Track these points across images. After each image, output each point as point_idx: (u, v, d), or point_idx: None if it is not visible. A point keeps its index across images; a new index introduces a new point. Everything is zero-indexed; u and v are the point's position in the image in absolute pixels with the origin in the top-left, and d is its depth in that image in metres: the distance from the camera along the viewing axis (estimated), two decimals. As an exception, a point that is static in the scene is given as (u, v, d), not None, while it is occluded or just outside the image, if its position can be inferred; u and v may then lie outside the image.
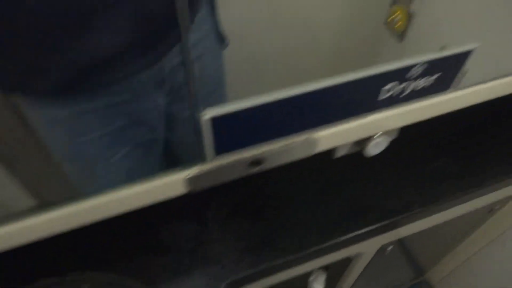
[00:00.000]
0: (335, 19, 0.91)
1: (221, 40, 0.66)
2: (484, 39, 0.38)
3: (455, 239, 1.06)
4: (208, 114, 0.29)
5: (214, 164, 0.35)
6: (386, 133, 0.43)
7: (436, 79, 0.38)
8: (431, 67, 0.36)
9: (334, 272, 0.83)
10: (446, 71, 0.38)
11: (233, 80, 0.74)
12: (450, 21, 0.73)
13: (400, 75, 0.35)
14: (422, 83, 0.38)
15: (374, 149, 0.44)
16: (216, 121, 0.29)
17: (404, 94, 0.38)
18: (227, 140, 0.33)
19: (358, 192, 0.63)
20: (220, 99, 0.74)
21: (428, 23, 0.82)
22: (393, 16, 0.87)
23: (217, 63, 0.69)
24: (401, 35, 0.88)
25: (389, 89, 0.36)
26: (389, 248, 0.79)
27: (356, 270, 0.80)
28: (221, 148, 0.33)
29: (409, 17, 0.85)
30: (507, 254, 0.95)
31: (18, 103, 0.48)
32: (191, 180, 0.35)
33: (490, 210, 0.83)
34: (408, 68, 0.35)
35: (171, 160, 0.74)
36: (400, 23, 0.86)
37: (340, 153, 0.44)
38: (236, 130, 0.32)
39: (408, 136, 0.71)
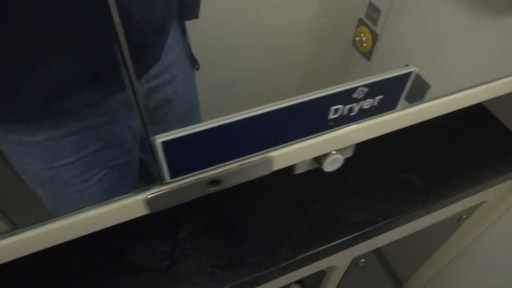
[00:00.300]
0: (305, 40, 0.95)
1: (192, 63, 0.69)
2: (446, 55, 0.41)
3: (428, 249, 1.08)
4: (159, 138, 0.31)
5: (172, 186, 0.37)
6: (340, 150, 0.45)
7: (381, 100, 0.41)
8: (373, 89, 0.39)
9: (310, 286, 0.84)
10: (389, 92, 0.41)
11: (206, 101, 0.76)
12: (414, 40, 0.77)
13: (345, 97, 0.38)
14: (368, 103, 0.41)
15: (331, 166, 0.46)
16: (168, 145, 0.32)
17: (352, 113, 0.40)
18: (182, 162, 0.35)
19: (327, 206, 0.65)
20: (195, 120, 0.76)
21: (393, 43, 0.87)
22: (359, 36, 0.92)
23: (191, 85, 0.72)
24: (368, 54, 0.93)
25: (337, 109, 0.39)
26: (362, 260, 0.81)
27: (331, 283, 0.82)
28: (176, 170, 0.35)
29: (374, 37, 0.89)
30: (476, 263, 0.98)
31: None
32: (151, 201, 0.36)
33: (459, 219, 0.86)
34: (350, 91, 0.38)
35: (146, 181, 0.76)
36: (365, 44, 0.90)
37: (299, 170, 0.46)
38: (190, 153, 0.34)
39: (373, 150, 0.75)
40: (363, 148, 0.50)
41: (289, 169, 0.44)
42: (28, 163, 0.55)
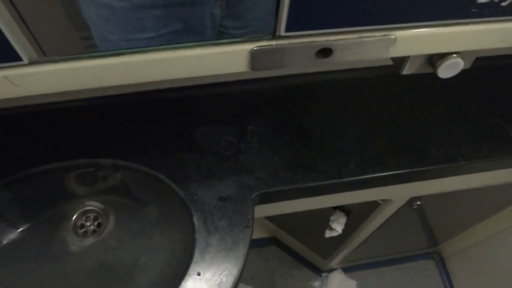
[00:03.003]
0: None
1: None
2: None
3: (476, 217, 1.03)
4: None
5: (283, 43, 0.32)
6: (464, 54, 0.39)
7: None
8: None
9: (355, 218, 0.82)
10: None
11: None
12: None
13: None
14: (526, -6, 0.33)
15: (447, 71, 0.40)
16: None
17: (504, 3, 0.33)
18: (303, 13, 0.30)
19: (407, 133, 0.60)
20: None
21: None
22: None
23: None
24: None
25: (491, -9, 0.32)
26: (417, 203, 0.77)
27: (379, 219, 0.79)
28: (294, 22, 0.31)
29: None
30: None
31: None
32: (256, 55, 0.33)
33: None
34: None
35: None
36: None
37: (409, 69, 0.41)
38: (314, 3, 0.29)
39: (467, 86, 0.67)
40: (460, 79, 0.44)
41: (378, 80, 0.38)
42: (108, 30, 0.53)
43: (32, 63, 0.28)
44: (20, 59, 0.27)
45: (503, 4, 0.34)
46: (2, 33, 0.26)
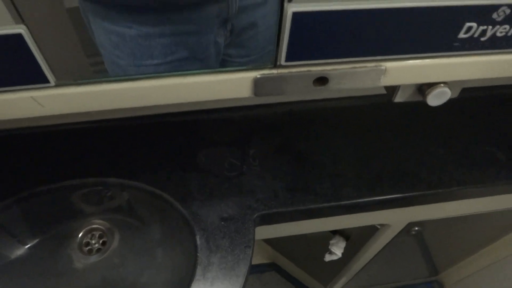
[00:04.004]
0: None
1: None
2: None
3: (477, 243, 1.03)
4: (293, 7, 0.30)
5: (283, 71, 0.36)
6: (451, 84, 0.42)
7: (519, 31, 0.37)
8: (519, 11, 0.35)
9: (355, 243, 0.83)
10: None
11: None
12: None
13: (483, 13, 0.35)
14: (503, 30, 0.37)
15: (435, 99, 0.44)
16: (298, 18, 0.30)
17: (483, 38, 0.37)
18: (302, 44, 0.33)
19: (402, 157, 0.63)
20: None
21: None
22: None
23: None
24: None
25: (470, 28, 0.36)
26: (415, 229, 0.79)
27: (378, 244, 0.80)
28: (294, 53, 0.34)
29: None
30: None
31: (88, 16, 0.51)
32: (259, 82, 0.36)
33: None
34: (492, 8, 0.34)
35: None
36: None
37: (401, 97, 0.44)
38: (313, 35, 0.33)
39: (465, 114, 0.70)
40: (451, 109, 0.47)
41: (375, 106, 0.42)
42: (118, 55, 0.56)
43: (58, 85, 0.31)
44: (47, 81, 0.31)
45: (482, 39, 0.37)
46: (34, 58, 0.29)
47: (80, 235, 0.60)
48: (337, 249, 0.79)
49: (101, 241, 0.60)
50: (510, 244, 0.96)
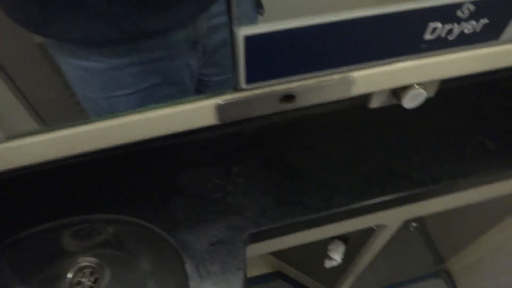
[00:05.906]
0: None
1: (258, 7, 0.65)
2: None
3: (481, 227, 1.02)
4: (243, 31, 0.29)
5: (246, 94, 0.34)
6: (424, 85, 0.41)
7: (485, 26, 0.36)
8: (480, 8, 0.34)
9: (354, 246, 0.82)
10: (496, 17, 0.36)
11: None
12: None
13: (447, 12, 0.33)
14: (470, 27, 0.36)
15: (411, 101, 0.42)
16: (251, 41, 0.29)
17: (451, 37, 0.36)
18: (260, 66, 0.32)
19: (389, 158, 0.61)
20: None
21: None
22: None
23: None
24: None
25: (435, 28, 0.34)
26: (413, 225, 0.77)
27: (376, 245, 0.79)
28: (253, 75, 0.33)
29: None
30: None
31: (54, 53, 0.49)
32: (223, 108, 0.35)
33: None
34: (455, 6, 0.33)
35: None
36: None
37: (376, 103, 0.43)
38: (271, 56, 0.32)
39: (449, 106, 0.69)
40: (435, 102, 0.46)
41: (355, 111, 0.40)
42: (89, 90, 0.55)
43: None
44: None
45: (450, 38, 0.36)
46: None
47: (71, 275, 0.58)
48: (337, 254, 0.77)
49: (93, 279, 0.58)
50: (510, 227, 0.95)
